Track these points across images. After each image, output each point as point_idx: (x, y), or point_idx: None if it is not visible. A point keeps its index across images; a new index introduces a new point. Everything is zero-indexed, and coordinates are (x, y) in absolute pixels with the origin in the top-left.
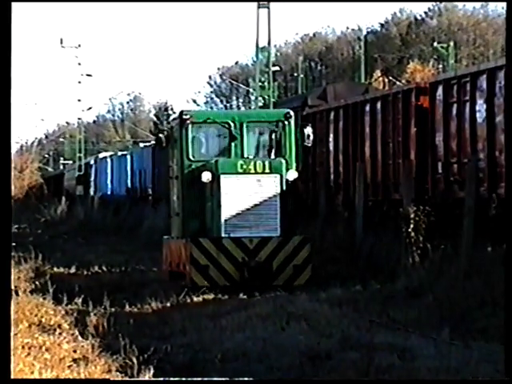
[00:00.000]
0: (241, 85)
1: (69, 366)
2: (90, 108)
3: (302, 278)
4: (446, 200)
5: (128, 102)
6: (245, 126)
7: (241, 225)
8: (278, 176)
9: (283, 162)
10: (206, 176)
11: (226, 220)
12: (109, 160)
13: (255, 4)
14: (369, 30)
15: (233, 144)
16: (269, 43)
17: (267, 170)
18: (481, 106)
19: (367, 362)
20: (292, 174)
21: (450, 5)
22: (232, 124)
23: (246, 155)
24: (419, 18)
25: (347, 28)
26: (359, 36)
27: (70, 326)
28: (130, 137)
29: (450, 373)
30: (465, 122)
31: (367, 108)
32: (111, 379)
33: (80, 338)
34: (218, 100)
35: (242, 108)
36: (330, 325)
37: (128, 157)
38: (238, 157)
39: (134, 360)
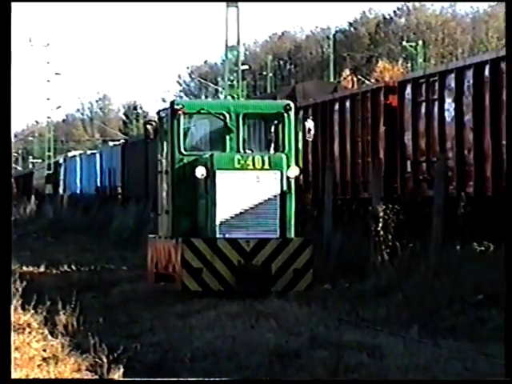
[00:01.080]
0: (210, 83)
1: (38, 365)
2: (59, 107)
3: (303, 283)
4: (414, 199)
5: (97, 101)
6: (241, 117)
7: (237, 225)
8: (279, 172)
9: (284, 157)
10: (200, 171)
11: (221, 219)
12: (78, 159)
13: (224, 3)
14: (338, 29)
15: (228, 137)
16: (238, 42)
17: (267, 166)
18: (449, 104)
19: (336, 360)
20: (293, 171)
21: (419, 4)
22: (227, 115)
23: (241, 149)
24: (388, 17)
25: (316, 27)
26: (328, 35)
27: (39, 324)
28: (100, 135)
29: (419, 371)
30: (433, 120)
31: (336, 107)
32: (111, 379)
33: (49, 336)
34: (187, 99)
35: None
36: (298, 323)
37: (97, 156)
38: (233, 151)
39: (104, 359)
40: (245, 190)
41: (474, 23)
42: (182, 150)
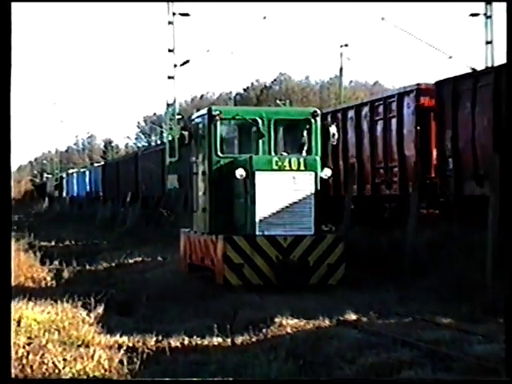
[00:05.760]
0: (157, 127)
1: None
2: (63, 142)
3: (336, 276)
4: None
5: (87, 138)
6: (272, 123)
7: (275, 222)
8: (313, 173)
9: (318, 159)
10: (240, 172)
11: (260, 217)
12: (75, 174)
13: (165, 76)
14: (236, 92)
15: (261, 141)
16: (174, 101)
17: (302, 167)
18: None
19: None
20: (326, 172)
21: (288, 76)
22: (260, 121)
23: (272, 152)
24: (268, 85)
25: (223, 91)
26: (230, 96)
27: (51, 278)
28: (88, 159)
29: None
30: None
31: None
32: (111, 379)
33: (58, 287)
34: (143, 136)
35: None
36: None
37: (87, 172)
38: (265, 153)
39: (92, 300)
40: (282, 190)
41: (320, 89)
42: (219, 152)
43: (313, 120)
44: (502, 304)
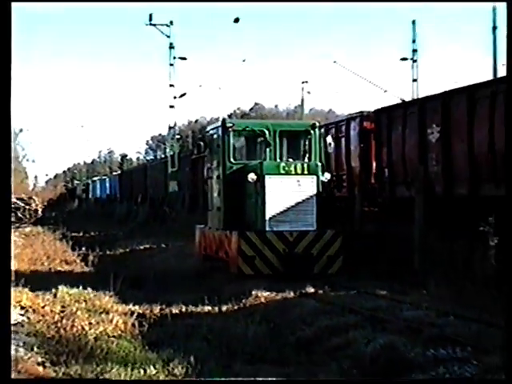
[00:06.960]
0: (161, 144)
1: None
2: (89, 155)
3: (335, 266)
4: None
5: (108, 153)
6: (277, 133)
7: (282, 220)
8: (315, 177)
9: (319, 164)
10: (252, 176)
11: (269, 216)
12: (98, 181)
13: (167, 105)
14: (223, 118)
15: (268, 149)
16: (175, 124)
17: (306, 172)
18: None
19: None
20: (326, 176)
21: (261, 105)
22: (267, 132)
23: (278, 159)
24: (247, 112)
25: (212, 117)
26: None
27: (80, 261)
28: (109, 169)
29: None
30: None
31: None
32: (111, 379)
33: (85, 268)
34: (150, 151)
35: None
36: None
37: (107, 179)
38: (271, 160)
39: (111, 277)
40: (288, 191)
41: (287, 115)
42: (232, 159)
43: (312, 131)
44: (425, 281)
